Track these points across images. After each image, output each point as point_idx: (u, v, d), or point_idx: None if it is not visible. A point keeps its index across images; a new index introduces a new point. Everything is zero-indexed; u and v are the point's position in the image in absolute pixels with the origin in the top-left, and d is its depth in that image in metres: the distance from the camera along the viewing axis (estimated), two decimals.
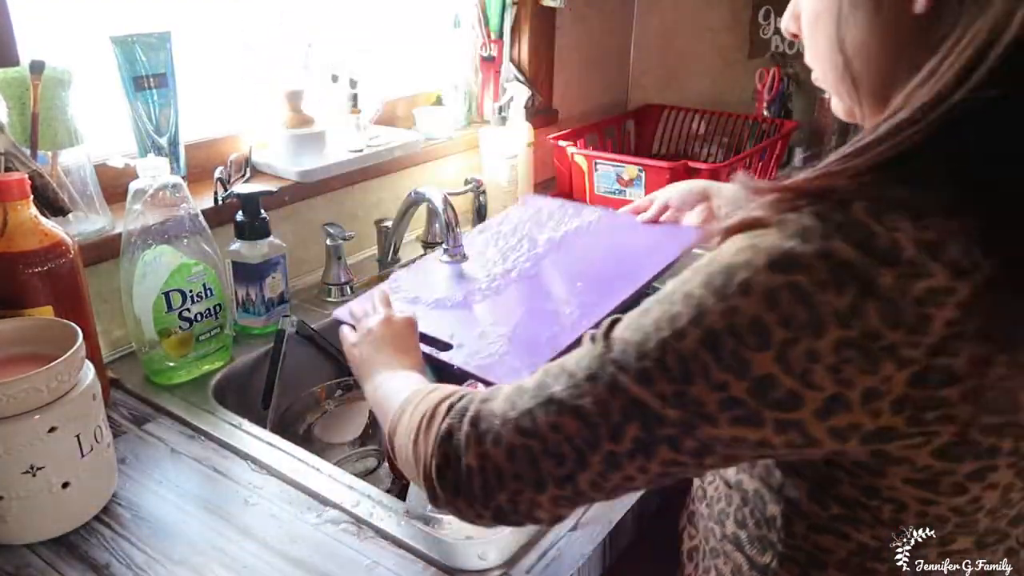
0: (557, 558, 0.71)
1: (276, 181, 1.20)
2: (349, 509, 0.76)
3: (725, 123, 1.77)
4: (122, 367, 1.00)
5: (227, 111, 1.25)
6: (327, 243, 1.19)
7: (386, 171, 1.37)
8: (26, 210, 0.80)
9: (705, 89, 1.86)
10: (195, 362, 0.99)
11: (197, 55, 1.16)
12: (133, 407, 0.93)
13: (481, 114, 1.61)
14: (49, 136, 0.93)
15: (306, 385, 1.03)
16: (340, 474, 0.82)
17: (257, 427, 0.89)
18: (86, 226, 0.99)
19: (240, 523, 0.75)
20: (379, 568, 0.70)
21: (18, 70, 0.89)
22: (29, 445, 0.68)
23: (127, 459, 0.83)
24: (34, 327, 0.76)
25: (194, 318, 0.97)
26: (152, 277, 0.92)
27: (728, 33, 1.79)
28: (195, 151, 1.18)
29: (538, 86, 1.69)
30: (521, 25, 1.63)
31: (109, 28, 1.03)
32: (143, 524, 0.75)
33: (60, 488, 0.71)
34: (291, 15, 1.29)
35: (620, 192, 1.49)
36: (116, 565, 0.70)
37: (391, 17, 1.48)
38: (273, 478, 0.81)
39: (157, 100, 1.07)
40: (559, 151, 1.56)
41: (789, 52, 1.66)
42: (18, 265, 0.79)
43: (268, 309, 1.09)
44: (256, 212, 1.06)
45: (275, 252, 1.08)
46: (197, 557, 0.71)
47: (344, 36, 1.38)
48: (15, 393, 0.66)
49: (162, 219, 0.93)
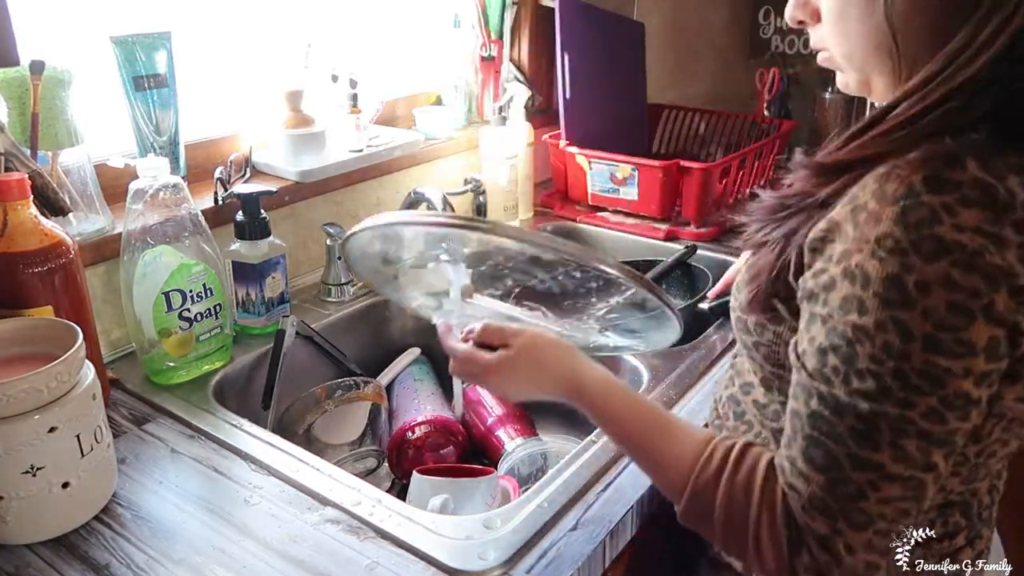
0: (557, 558, 0.71)
1: (276, 181, 1.20)
2: (349, 509, 0.76)
3: (725, 123, 1.77)
4: (122, 367, 1.00)
5: (227, 111, 1.25)
6: (327, 243, 1.19)
7: (386, 171, 1.37)
8: (26, 210, 0.80)
9: (705, 89, 1.86)
10: (195, 362, 0.99)
11: (197, 55, 1.16)
12: (133, 407, 0.93)
13: (481, 114, 1.61)
14: (49, 136, 0.93)
15: (306, 385, 1.03)
16: (340, 474, 0.81)
17: (257, 427, 0.89)
18: (86, 226, 0.99)
19: (240, 523, 0.75)
20: (379, 568, 0.70)
21: (18, 70, 0.89)
22: (29, 445, 0.68)
23: (127, 459, 0.83)
24: (34, 327, 0.76)
25: (194, 318, 0.97)
26: (152, 277, 0.92)
27: (728, 33, 1.79)
28: (195, 151, 1.18)
29: (538, 86, 1.68)
30: (521, 25, 1.63)
31: (109, 28, 1.03)
32: (143, 524, 0.75)
33: (60, 488, 0.71)
34: (291, 15, 1.29)
35: (614, 191, 1.49)
36: (116, 565, 0.70)
37: (391, 17, 1.48)
38: (273, 478, 0.81)
39: (157, 100, 1.07)
40: (556, 150, 1.56)
41: (789, 52, 1.66)
42: (18, 265, 0.79)
43: (268, 309, 1.09)
44: (256, 212, 1.06)
45: (275, 252, 1.08)
46: (197, 557, 0.71)
47: (344, 36, 1.38)
48: (15, 393, 0.66)
49: (162, 219, 0.93)
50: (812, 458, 0.55)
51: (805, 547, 0.56)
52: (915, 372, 0.51)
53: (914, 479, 0.53)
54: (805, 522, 0.55)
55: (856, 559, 0.55)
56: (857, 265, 0.52)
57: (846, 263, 0.53)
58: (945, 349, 0.50)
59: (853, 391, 0.53)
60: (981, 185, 0.50)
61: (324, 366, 1.14)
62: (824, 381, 0.55)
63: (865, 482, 0.53)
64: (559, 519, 0.75)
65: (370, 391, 1.03)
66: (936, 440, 0.52)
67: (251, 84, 1.26)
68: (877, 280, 0.51)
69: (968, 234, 0.49)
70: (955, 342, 0.50)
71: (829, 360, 0.54)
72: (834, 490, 0.54)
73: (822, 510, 0.55)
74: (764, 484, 0.59)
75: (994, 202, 0.50)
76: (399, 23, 1.50)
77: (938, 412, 0.51)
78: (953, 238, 0.49)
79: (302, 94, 1.24)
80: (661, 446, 0.65)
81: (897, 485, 0.53)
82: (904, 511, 0.54)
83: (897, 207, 0.51)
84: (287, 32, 1.28)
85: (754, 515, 0.58)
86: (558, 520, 0.75)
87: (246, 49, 1.25)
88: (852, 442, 0.53)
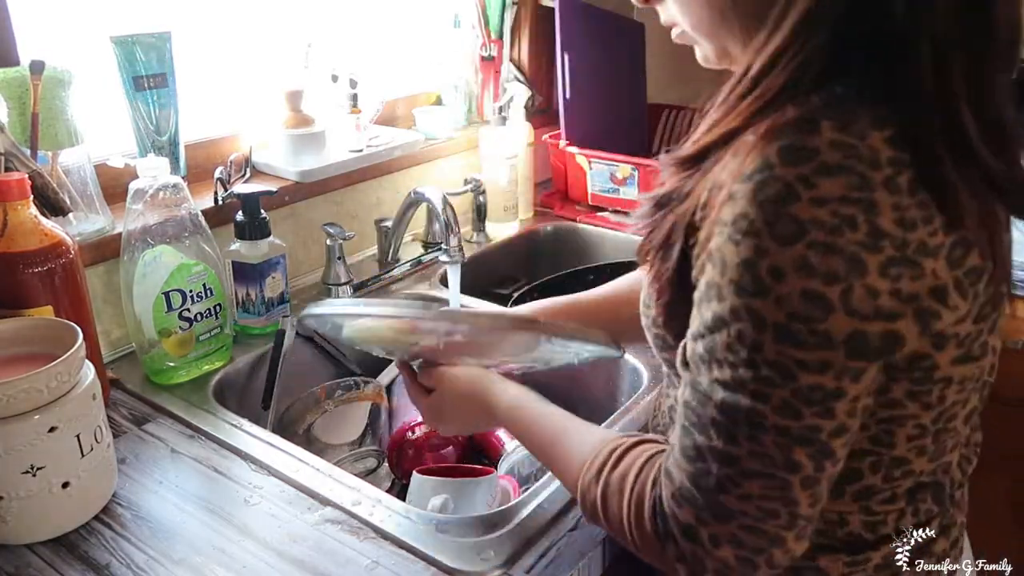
0: (557, 558, 0.71)
1: (276, 181, 1.20)
2: (349, 509, 0.76)
3: None
4: (122, 367, 1.00)
5: (227, 111, 1.25)
6: (327, 243, 1.19)
7: (386, 171, 1.37)
8: (26, 210, 0.80)
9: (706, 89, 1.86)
10: (195, 362, 0.99)
11: (197, 55, 1.16)
12: (133, 407, 0.93)
13: (481, 114, 1.61)
14: (49, 136, 0.93)
15: (306, 385, 1.03)
16: (340, 474, 0.81)
17: (257, 427, 0.89)
18: (86, 226, 0.99)
19: (240, 523, 0.75)
20: (379, 568, 0.70)
21: (18, 70, 0.89)
22: (29, 445, 0.68)
23: (127, 459, 0.83)
24: (34, 327, 0.76)
25: (194, 318, 0.97)
26: (152, 277, 0.92)
27: None
28: (195, 151, 1.18)
29: (538, 86, 1.68)
30: (521, 25, 1.63)
31: (109, 28, 1.03)
32: (143, 524, 0.75)
33: (60, 488, 0.71)
34: (291, 15, 1.29)
35: (614, 191, 1.49)
36: (116, 565, 0.70)
37: (391, 17, 1.48)
38: (273, 478, 0.81)
39: (157, 100, 1.07)
40: (556, 150, 1.56)
41: None
42: (18, 265, 0.79)
43: (268, 309, 1.09)
44: (256, 212, 1.06)
45: (275, 252, 1.08)
46: (197, 557, 0.71)
47: (344, 36, 1.38)
48: (15, 393, 0.66)
49: (162, 219, 0.93)
50: (684, 447, 0.53)
51: (671, 537, 0.54)
52: (767, 363, 0.48)
53: (776, 478, 0.50)
54: (672, 510, 0.54)
55: (723, 551, 0.53)
56: (717, 249, 0.49)
57: (709, 247, 0.50)
58: (799, 340, 0.47)
59: (713, 380, 0.51)
60: (840, 147, 0.46)
61: (324, 366, 1.14)
62: (691, 369, 0.53)
63: (725, 476, 0.51)
64: (559, 519, 0.75)
65: (370, 391, 1.03)
66: (795, 437, 0.49)
67: (251, 84, 1.26)
68: (732, 266, 0.48)
69: (830, 207, 0.45)
70: (809, 333, 0.47)
71: (697, 348, 0.52)
72: (698, 482, 0.52)
73: (689, 500, 0.53)
74: (636, 477, 0.58)
75: (857, 163, 0.46)
76: (399, 23, 1.50)
77: (792, 406, 0.48)
78: (811, 215, 0.45)
79: (302, 94, 1.24)
80: (560, 451, 0.66)
81: (756, 482, 0.50)
82: (770, 512, 0.51)
83: (750, 184, 0.47)
84: (287, 32, 1.28)
85: (625, 508, 0.57)
86: (558, 520, 0.75)
87: (246, 49, 1.25)
88: (714, 432, 0.51)
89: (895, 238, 0.46)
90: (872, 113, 0.47)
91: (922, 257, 0.47)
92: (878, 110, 0.48)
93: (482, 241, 1.45)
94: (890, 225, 0.46)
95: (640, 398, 0.96)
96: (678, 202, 0.56)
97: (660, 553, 0.56)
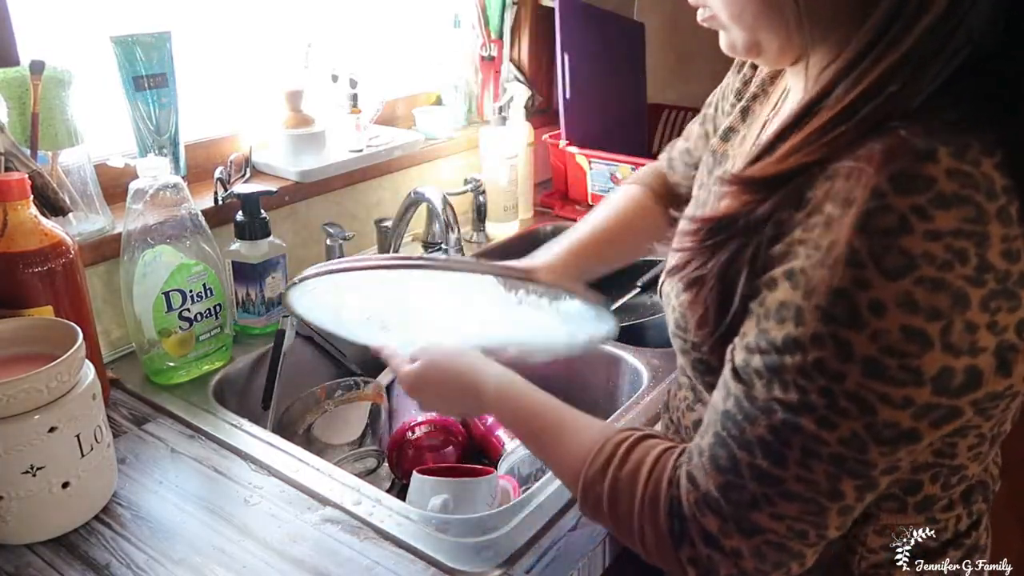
0: (557, 558, 0.71)
1: (276, 181, 1.20)
2: (349, 509, 0.76)
3: None
4: (122, 367, 1.00)
5: (227, 111, 1.25)
6: (327, 243, 1.19)
7: (386, 171, 1.37)
8: (26, 210, 0.80)
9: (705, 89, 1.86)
10: (195, 362, 0.99)
11: (197, 55, 1.16)
12: (133, 407, 0.93)
13: (481, 114, 1.61)
14: (49, 136, 0.93)
15: (306, 385, 1.03)
16: (340, 474, 0.81)
17: (257, 427, 0.89)
18: (86, 226, 0.99)
19: (240, 523, 0.75)
20: (379, 568, 0.70)
21: (18, 70, 0.89)
22: (29, 445, 0.68)
23: (127, 459, 0.83)
24: (34, 327, 0.76)
25: (194, 318, 0.97)
26: (152, 277, 0.92)
27: None
28: (195, 151, 1.18)
29: (538, 86, 1.68)
30: (521, 25, 1.63)
31: (109, 28, 1.03)
32: (143, 524, 0.75)
33: (60, 488, 0.71)
34: (291, 15, 1.29)
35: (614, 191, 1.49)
36: (116, 565, 0.70)
37: (391, 17, 1.48)
38: (273, 478, 0.81)
39: (157, 100, 1.07)
40: (556, 150, 1.56)
41: None
42: (18, 265, 0.79)
43: (268, 309, 1.09)
44: (256, 212, 1.06)
45: (275, 252, 1.08)
46: (197, 557, 0.71)
47: (344, 36, 1.38)
48: (15, 393, 0.66)
49: (162, 219, 0.93)
50: (716, 456, 0.52)
51: (688, 539, 0.53)
52: (845, 394, 0.46)
53: (815, 503, 0.49)
54: (694, 515, 0.53)
55: (745, 563, 0.52)
56: (802, 270, 0.46)
57: (788, 264, 0.48)
58: (888, 376, 0.45)
59: (772, 398, 0.49)
60: (958, 176, 0.43)
61: (324, 366, 1.14)
62: (744, 382, 0.51)
63: (761, 494, 0.50)
64: (559, 519, 0.75)
65: (370, 391, 1.03)
66: (849, 469, 0.48)
67: (251, 84, 1.26)
68: (822, 292, 0.45)
69: (944, 241, 0.43)
70: (900, 368, 0.44)
71: (754, 361, 0.50)
72: (728, 494, 0.51)
73: (715, 510, 0.52)
74: (649, 475, 0.56)
75: (974, 193, 0.43)
76: (399, 23, 1.50)
77: (859, 440, 0.47)
78: (923, 249, 0.43)
79: (302, 94, 1.24)
80: (557, 443, 0.64)
81: (795, 505, 0.50)
82: (799, 532, 0.51)
83: (856, 211, 0.44)
84: (287, 32, 1.28)
85: (637, 506, 0.56)
86: (558, 520, 0.75)
87: (246, 49, 1.25)
88: (759, 451, 0.49)
89: (999, 271, 0.44)
90: (982, 139, 0.45)
91: (1020, 288, 0.45)
92: (986, 136, 0.45)
93: (482, 241, 1.45)
94: (996, 258, 0.44)
95: (640, 398, 0.96)
96: (747, 229, 0.51)
97: (671, 552, 0.55)
